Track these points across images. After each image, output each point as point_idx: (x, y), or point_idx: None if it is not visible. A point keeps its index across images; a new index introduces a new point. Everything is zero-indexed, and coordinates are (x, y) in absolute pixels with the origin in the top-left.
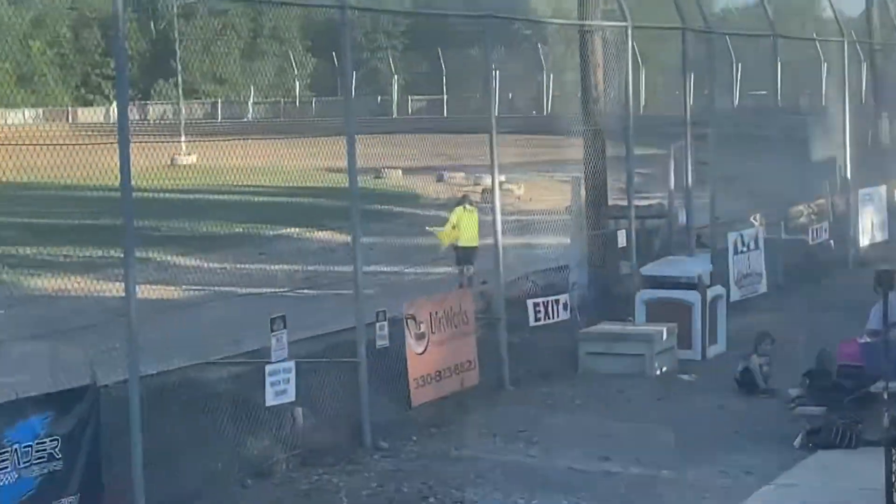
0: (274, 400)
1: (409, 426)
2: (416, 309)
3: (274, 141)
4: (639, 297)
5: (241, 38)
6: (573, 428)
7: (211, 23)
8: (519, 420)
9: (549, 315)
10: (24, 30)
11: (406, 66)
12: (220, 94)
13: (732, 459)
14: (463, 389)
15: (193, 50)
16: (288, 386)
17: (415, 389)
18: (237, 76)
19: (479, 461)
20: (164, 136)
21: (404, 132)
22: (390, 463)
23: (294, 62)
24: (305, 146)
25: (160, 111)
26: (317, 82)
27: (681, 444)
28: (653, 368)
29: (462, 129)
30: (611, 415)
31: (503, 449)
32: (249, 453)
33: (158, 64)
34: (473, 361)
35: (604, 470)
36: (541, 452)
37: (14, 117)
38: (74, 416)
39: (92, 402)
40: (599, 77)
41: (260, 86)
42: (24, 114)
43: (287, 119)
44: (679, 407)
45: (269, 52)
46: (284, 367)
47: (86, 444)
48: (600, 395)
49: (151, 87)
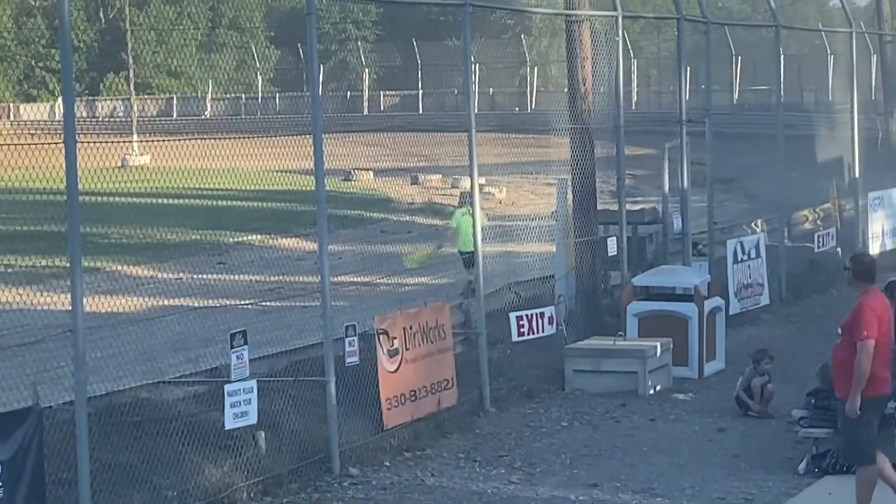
0: (234, 422)
1: (381, 451)
2: (389, 323)
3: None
4: (630, 309)
5: (198, 28)
6: (559, 452)
7: (165, 11)
8: (500, 443)
9: (533, 329)
10: None
11: (378, 58)
12: (176, 90)
13: (732, 486)
14: (440, 410)
15: (146, 41)
16: (249, 407)
17: (387, 410)
18: (194, 70)
19: (456, 489)
20: (115, 134)
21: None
22: (360, 491)
23: (256, 55)
24: (268, 146)
25: (110, 108)
26: (281, 76)
27: (675, 470)
28: (646, 387)
29: (439, 127)
30: (600, 437)
31: (483, 475)
32: (207, 480)
33: (108, 56)
34: (451, 380)
35: (592, 498)
36: (523, 479)
37: None
38: (16, 440)
39: (35, 425)
40: (588, 71)
41: (219, 80)
42: None
43: (248, 116)
44: (674, 429)
45: (228, 44)
46: (245, 387)
47: (28, 470)
48: (588, 416)
49: (101, 82)
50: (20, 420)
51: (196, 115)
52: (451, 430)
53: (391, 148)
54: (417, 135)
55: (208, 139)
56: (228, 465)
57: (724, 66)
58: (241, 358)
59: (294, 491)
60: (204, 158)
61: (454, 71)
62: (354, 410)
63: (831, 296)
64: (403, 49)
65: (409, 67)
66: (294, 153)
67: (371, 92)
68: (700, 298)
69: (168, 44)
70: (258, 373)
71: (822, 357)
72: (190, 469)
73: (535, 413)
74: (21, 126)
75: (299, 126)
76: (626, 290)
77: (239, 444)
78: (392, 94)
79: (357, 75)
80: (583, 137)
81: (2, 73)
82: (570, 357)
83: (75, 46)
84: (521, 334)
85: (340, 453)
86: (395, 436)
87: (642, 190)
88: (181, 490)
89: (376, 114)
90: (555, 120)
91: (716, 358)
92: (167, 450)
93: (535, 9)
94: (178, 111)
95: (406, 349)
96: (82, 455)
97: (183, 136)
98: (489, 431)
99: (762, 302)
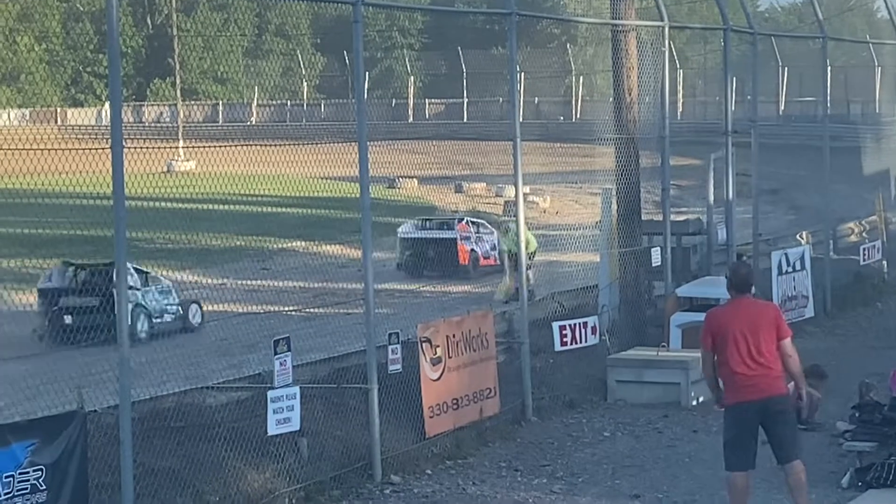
0: (276, 428)
1: (422, 459)
2: (432, 331)
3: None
4: (674, 320)
5: (244, 34)
6: (601, 462)
7: (212, 18)
8: (542, 453)
9: (576, 339)
10: (10, 24)
11: (423, 66)
12: (222, 96)
13: (774, 499)
14: (482, 419)
15: (193, 47)
16: (292, 413)
17: (430, 419)
18: (240, 76)
19: (497, 498)
20: (161, 140)
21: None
22: (402, 499)
23: (302, 61)
24: (313, 153)
25: (156, 113)
26: (326, 83)
27: (718, 482)
28: (688, 398)
29: (483, 135)
30: (642, 448)
31: (524, 485)
32: (249, 486)
33: (155, 62)
34: (494, 389)
35: None
36: (565, 489)
37: None
38: (60, 443)
39: (79, 429)
40: (633, 80)
41: (265, 87)
42: (10, 115)
43: (294, 123)
44: (717, 440)
45: (274, 51)
46: (288, 393)
47: (72, 474)
48: (631, 426)
49: (147, 87)
50: (64, 424)
51: (241, 121)
52: (493, 438)
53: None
54: (462, 143)
55: (254, 146)
56: (270, 471)
57: (771, 76)
58: (285, 364)
59: (336, 498)
60: (249, 164)
61: (499, 79)
62: (396, 418)
63: (876, 309)
64: (449, 57)
65: (455, 76)
66: (339, 160)
67: (416, 100)
68: None
69: (214, 50)
70: (301, 379)
71: (866, 370)
72: (232, 474)
73: (578, 423)
74: (68, 131)
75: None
76: (670, 300)
77: (281, 451)
78: (437, 102)
79: (402, 83)
80: (628, 147)
81: (50, 78)
82: (613, 367)
83: (123, 52)
84: (564, 344)
85: (382, 461)
86: (437, 444)
87: (687, 200)
88: (223, 495)
89: (421, 122)
90: (600, 129)
91: None
92: (210, 455)
93: (581, 18)
94: (224, 117)
95: (449, 357)
96: (126, 459)
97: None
98: (531, 441)
99: (806, 314)
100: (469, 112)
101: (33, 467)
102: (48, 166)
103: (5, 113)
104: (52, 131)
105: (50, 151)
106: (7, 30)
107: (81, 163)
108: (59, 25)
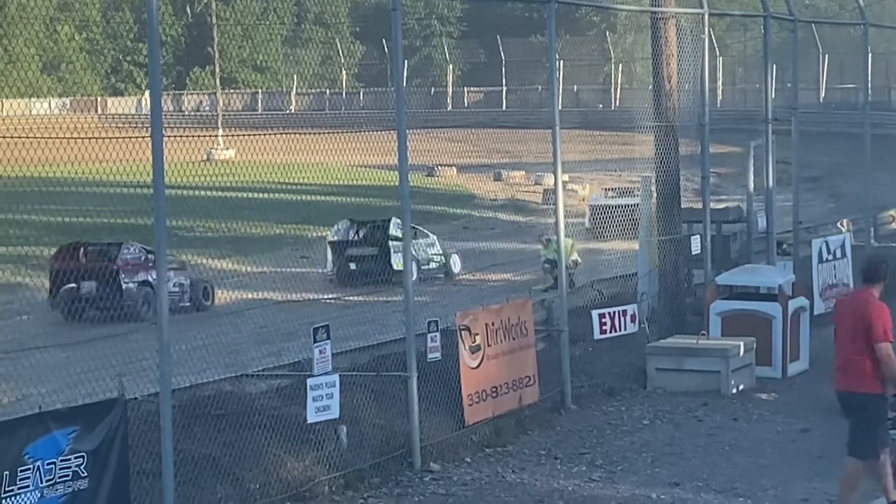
0: (316, 416)
1: (462, 447)
2: (471, 319)
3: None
4: (713, 308)
5: (283, 23)
6: (640, 450)
7: (251, 6)
8: (581, 441)
9: (615, 327)
10: (50, 13)
11: (462, 54)
12: (261, 84)
13: (814, 487)
14: (521, 407)
15: (232, 36)
16: (331, 401)
17: (469, 407)
18: (279, 64)
19: (537, 486)
20: (200, 128)
21: (459, 126)
22: (441, 486)
23: (341, 50)
24: (353, 141)
25: (196, 102)
26: (365, 72)
27: (758, 470)
28: (728, 386)
29: (522, 123)
30: (681, 436)
31: (564, 472)
32: (289, 473)
33: (194, 51)
34: (533, 377)
35: (673, 497)
36: (604, 476)
37: (40, 107)
38: (101, 431)
39: (120, 416)
40: (673, 68)
41: (304, 75)
42: (51, 104)
43: (333, 112)
44: (757, 429)
45: (313, 39)
46: (328, 381)
47: (113, 461)
48: (670, 414)
49: (187, 76)
50: (105, 411)
51: (281, 109)
52: (533, 426)
53: (474, 144)
54: (501, 131)
55: (292, 134)
56: (310, 459)
57: (811, 64)
58: (324, 352)
59: (375, 485)
60: (288, 153)
61: (538, 67)
62: (436, 406)
63: None
64: (488, 45)
65: (494, 64)
66: (378, 148)
67: (455, 88)
68: (784, 298)
69: (254, 38)
70: (340, 367)
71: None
72: (272, 462)
73: (617, 411)
74: (108, 120)
75: (383, 121)
76: (710, 288)
77: (321, 438)
78: (476, 90)
79: (441, 71)
80: (667, 135)
81: (90, 67)
82: (653, 355)
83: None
84: (604, 332)
85: (421, 448)
86: (477, 432)
87: (726, 188)
88: (263, 482)
89: (460, 110)
90: (639, 117)
91: (800, 358)
92: (250, 442)
93: (620, 6)
94: (263, 106)
95: (488, 345)
96: (166, 446)
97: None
98: (570, 429)
99: None
100: (508, 100)
101: (75, 454)
102: (89, 155)
103: (46, 102)
104: (92, 120)
105: (90, 140)
106: (48, 19)
107: (121, 151)
108: (99, 14)
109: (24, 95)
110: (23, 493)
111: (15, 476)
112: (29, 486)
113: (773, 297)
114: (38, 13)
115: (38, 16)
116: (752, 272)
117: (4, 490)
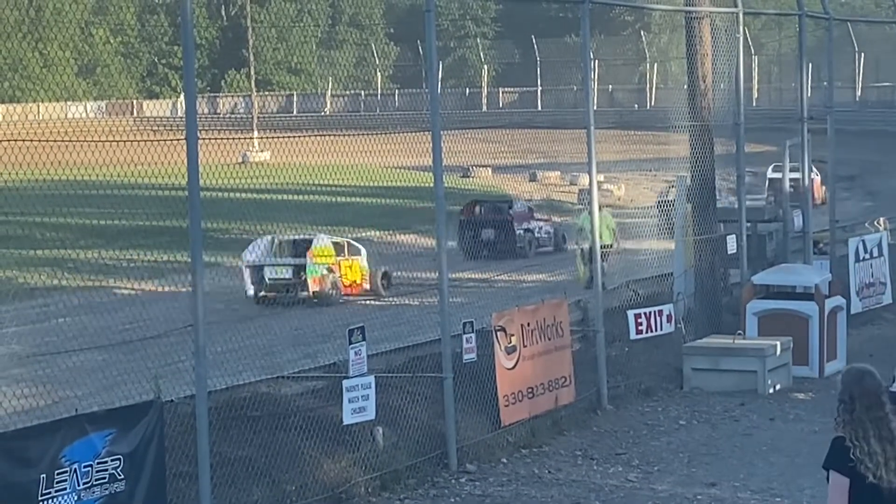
0: (352, 418)
1: (498, 447)
2: (506, 320)
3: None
4: (750, 307)
5: (318, 25)
6: (677, 450)
7: (286, 8)
8: (618, 441)
9: (651, 327)
10: (85, 17)
11: (497, 55)
12: (296, 86)
13: None
14: (557, 407)
15: (267, 38)
16: (367, 402)
17: (505, 407)
18: (314, 66)
19: (574, 486)
20: (236, 131)
21: (494, 127)
22: (478, 487)
23: (375, 51)
24: (387, 142)
25: (231, 104)
26: (400, 73)
27: (795, 470)
28: (765, 386)
29: (557, 123)
30: (718, 436)
31: (600, 473)
32: (325, 475)
33: (229, 53)
34: (569, 377)
35: (710, 496)
36: (641, 477)
37: (75, 111)
38: (137, 433)
39: (156, 419)
40: (708, 68)
41: (338, 77)
42: (87, 107)
43: (368, 113)
44: (794, 428)
45: (348, 41)
46: (363, 383)
47: (150, 463)
48: (707, 414)
49: (222, 79)
50: (142, 413)
51: (316, 111)
52: (569, 427)
53: (509, 144)
54: (535, 131)
55: (328, 136)
56: (346, 460)
57: (847, 62)
58: (360, 354)
59: (411, 486)
60: (323, 155)
61: (573, 67)
62: (472, 407)
63: None
64: (522, 46)
65: (528, 64)
66: (413, 150)
67: (490, 88)
68: (821, 297)
69: (288, 41)
70: (376, 368)
71: None
72: (308, 463)
73: (653, 411)
74: (144, 122)
75: (418, 123)
76: (746, 288)
77: (357, 440)
78: (510, 90)
79: (476, 72)
80: (702, 134)
81: (125, 70)
82: (689, 355)
83: (197, 43)
84: (640, 332)
85: (458, 449)
86: (513, 432)
87: (762, 188)
88: (300, 484)
89: (495, 110)
90: (674, 117)
91: (837, 357)
92: (286, 444)
93: (654, 5)
94: (298, 108)
95: (524, 346)
96: (203, 448)
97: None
98: (606, 429)
99: (884, 301)
100: (543, 100)
101: (111, 457)
102: (124, 158)
103: (82, 105)
104: (127, 123)
105: (126, 143)
106: (83, 23)
107: (157, 154)
108: (134, 18)
109: (60, 99)
110: (60, 495)
111: (52, 479)
112: (66, 488)
113: (810, 297)
114: (73, 17)
115: (74, 20)
116: (788, 271)
117: (42, 492)
